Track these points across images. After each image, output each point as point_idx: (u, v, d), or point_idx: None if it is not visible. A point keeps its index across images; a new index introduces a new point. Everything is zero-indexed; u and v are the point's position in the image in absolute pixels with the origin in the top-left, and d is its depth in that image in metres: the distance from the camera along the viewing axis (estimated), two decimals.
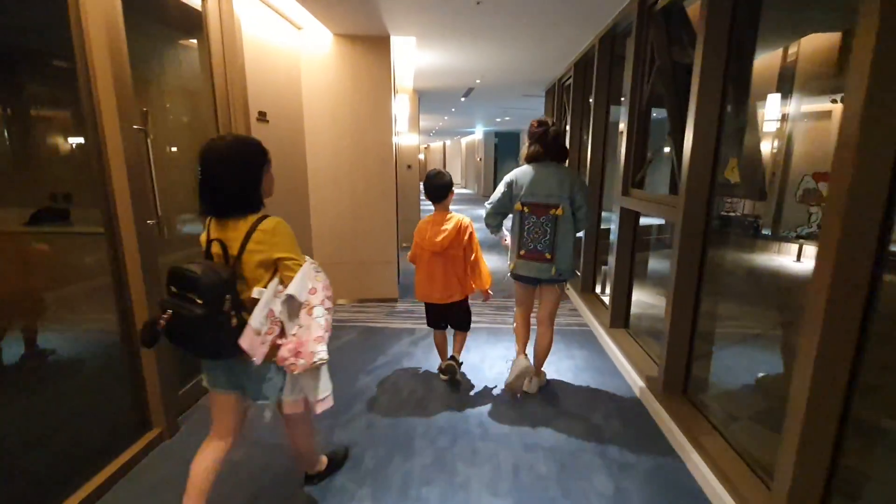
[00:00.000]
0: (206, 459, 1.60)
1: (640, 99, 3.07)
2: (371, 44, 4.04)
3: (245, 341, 1.40)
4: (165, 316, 1.39)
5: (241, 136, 1.53)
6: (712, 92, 2.12)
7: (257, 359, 1.43)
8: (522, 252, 2.54)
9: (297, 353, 1.45)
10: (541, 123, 2.50)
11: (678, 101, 2.64)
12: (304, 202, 4.16)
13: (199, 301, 1.34)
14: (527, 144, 2.57)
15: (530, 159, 2.53)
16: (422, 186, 2.74)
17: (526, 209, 2.49)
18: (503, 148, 17.25)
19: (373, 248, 4.42)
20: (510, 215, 2.63)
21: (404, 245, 7.50)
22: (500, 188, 2.59)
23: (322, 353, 1.47)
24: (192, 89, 2.80)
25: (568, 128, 5.63)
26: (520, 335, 2.74)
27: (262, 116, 3.23)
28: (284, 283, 1.47)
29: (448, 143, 25.25)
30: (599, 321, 3.74)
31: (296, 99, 3.94)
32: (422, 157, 31.18)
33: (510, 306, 4.47)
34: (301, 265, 1.47)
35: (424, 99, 8.10)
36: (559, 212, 2.41)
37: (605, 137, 4.17)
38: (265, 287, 1.46)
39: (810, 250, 8.18)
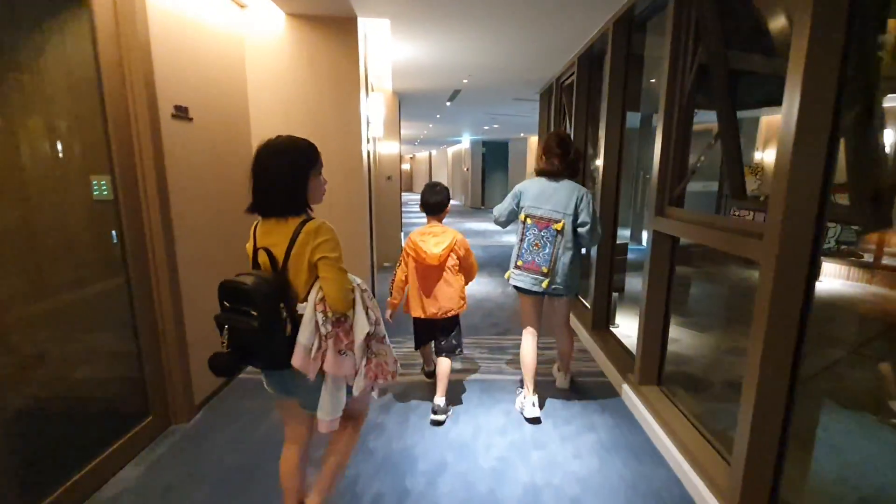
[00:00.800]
0: (289, 463, 1.66)
1: (679, 92, 2.35)
2: (334, 26, 3.27)
3: (297, 359, 1.40)
4: (224, 337, 1.37)
5: (294, 137, 1.51)
6: (824, 79, 1.37)
7: (311, 375, 1.42)
8: (520, 263, 2.55)
9: (375, 377, 1.55)
10: (563, 142, 2.51)
11: (730, 95, 2.09)
12: (244, 223, 3.35)
13: (254, 312, 1.34)
14: (540, 156, 2.57)
15: (544, 173, 2.53)
16: (420, 198, 2.66)
17: (529, 220, 2.51)
18: (491, 157, 16.57)
19: None
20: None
21: (385, 265, 6.76)
22: (509, 197, 2.64)
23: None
24: (68, 75, 1.98)
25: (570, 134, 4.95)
26: (527, 366, 2.62)
27: (181, 112, 2.43)
28: (321, 283, 1.44)
29: (434, 152, 24.57)
30: (620, 370, 2.97)
31: (237, 94, 3.14)
32: (407, 167, 30.62)
33: (507, 346, 3.69)
34: (339, 266, 1.45)
35: (407, 103, 7.37)
36: (559, 226, 2.43)
37: (622, 145, 3.46)
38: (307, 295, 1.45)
39: (830, 268, 7.16)
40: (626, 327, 3.89)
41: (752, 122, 7.90)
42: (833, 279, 6.58)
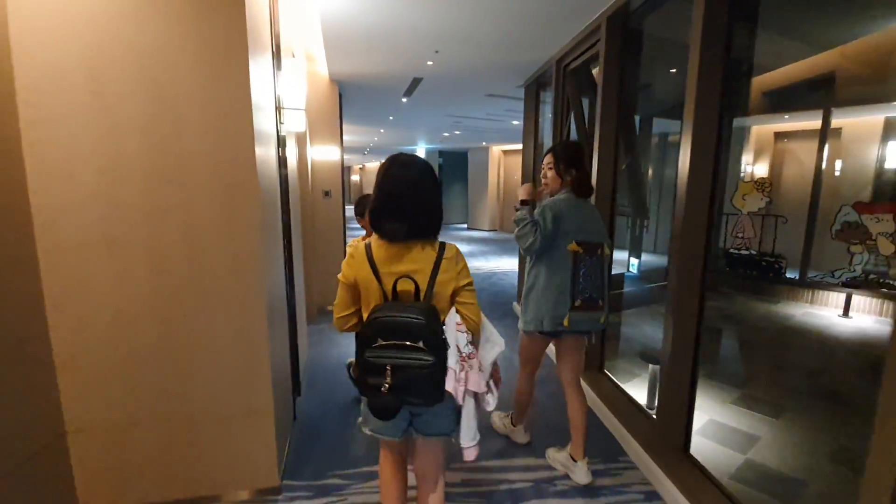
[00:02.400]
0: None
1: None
2: None
3: (449, 384, 1.35)
4: (388, 378, 1.29)
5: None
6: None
7: (460, 398, 1.40)
8: (578, 302, 2.12)
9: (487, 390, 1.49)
10: (584, 151, 2.21)
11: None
12: (25, 284, 1.65)
13: (425, 347, 1.29)
14: (563, 171, 2.13)
15: (580, 193, 2.14)
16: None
17: (581, 249, 2.11)
18: (449, 169, 15.18)
19: (218, 383, 1.93)
20: None
21: (328, 308, 5.11)
22: (547, 218, 2.07)
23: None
24: None
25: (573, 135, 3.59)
26: (524, 402, 2.46)
27: None
28: (460, 311, 1.42)
29: None
30: (630, 428, 1.74)
31: None
32: (356, 178, 28.70)
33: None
34: (474, 290, 1.46)
35: (351, 98, 5.78)
36: (607, 251, 2.18)
37: (721, 151, 2.11)
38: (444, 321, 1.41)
39: (860, 302, 5.64)
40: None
41: (738, 132, 6.95)
42: (864, 315, 5.64)
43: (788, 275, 4.90)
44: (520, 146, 12.58)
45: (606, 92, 2.85)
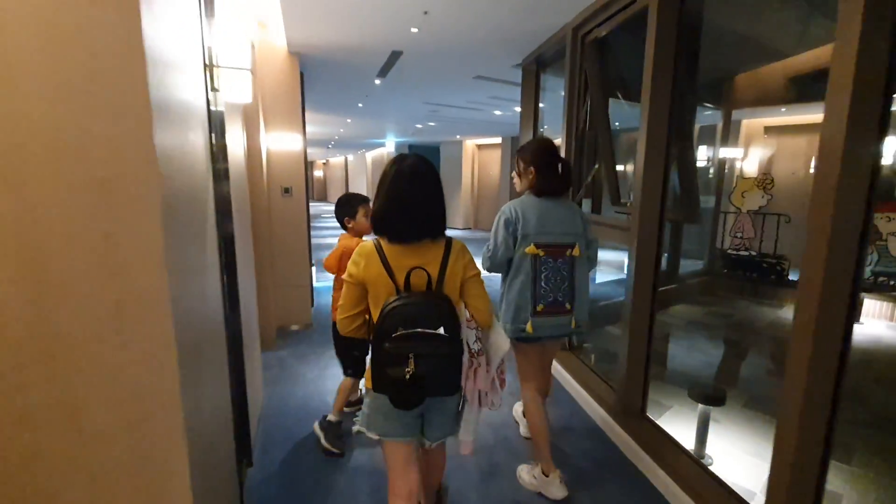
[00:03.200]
0: None
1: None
2: None
3: (461, 379, 1.40)
4: (409, 367, 1.28)
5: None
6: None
7: (470, 395, 1.46)
8: (540, 307, 2.03)
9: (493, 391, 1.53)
10: (550, 147, 2.06)
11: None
12: None
13: (446, 334, 1.30)
14: (532, 170, 2.05)
15: (540, 192, 2.04)
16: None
17: (541, 252, 2.01)
18: None
19: (98, 480, 1.14)
20: None
21: (292, 328, 4.25)
22: (499, 229, 2.04)
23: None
24: None
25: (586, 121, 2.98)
26: (537, 429, 2.14)
27: None
28: (470, 304, 1.47)
29: (350, 157, 21.82)
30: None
31: None
32: (319, 173, 27.41)
33: None
34: (483, 281, 1.48)
35: (315, 79, 4.93)
36: (577, 252, 2.04)
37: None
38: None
39: (872, 306, 5.23)
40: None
41: (733, 126, 6.55)
42: (875, 320, 5.30)
43: (792, 277, 4.37)
44: (496, 140, 12.11)
45: (658, 70, 2.19)
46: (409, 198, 1.36)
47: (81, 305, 1.01)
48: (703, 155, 4.75)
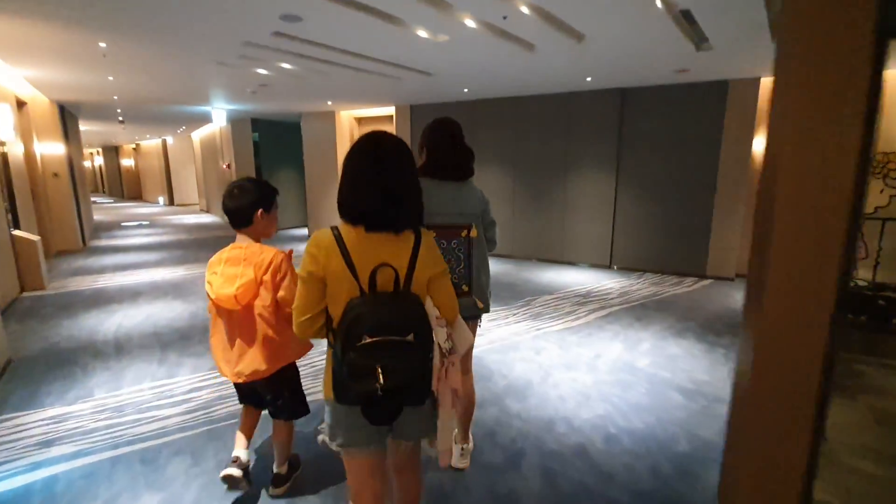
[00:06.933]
0: None
1: None
2: None
3: (435, 382, 1.35)
4: (381, 378, 1.18)
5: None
6: None
7: (442, 398, 1.40)
8: None
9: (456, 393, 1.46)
10: (446, 127, 2.04)
11: None
12: None
13: (415, 341, 1.23)
14: (427, 151, 2.03)
15: (431, 173, 2.00)
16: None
17: (432, 233, 1.81)
18: (270, 147, 11.36)
19: None
20: None
21: None
22: None
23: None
24: None
25: None
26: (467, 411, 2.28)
27: None
28: (436, 299, 1.39)
29: (170, 140, 17.09)
30: None
31: None
32: (129, 162, 21.50)
33: None
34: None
35: None
36: (473, 233, 2.05)
37: None
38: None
39: None
40: None
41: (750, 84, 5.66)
42: None
43: None
44: (385, 110, 9.08)
45: None
46: (390, 178, 1.26)
47: None
48: None
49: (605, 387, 3.07)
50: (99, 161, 24.00)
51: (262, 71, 5.32)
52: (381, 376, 1.16)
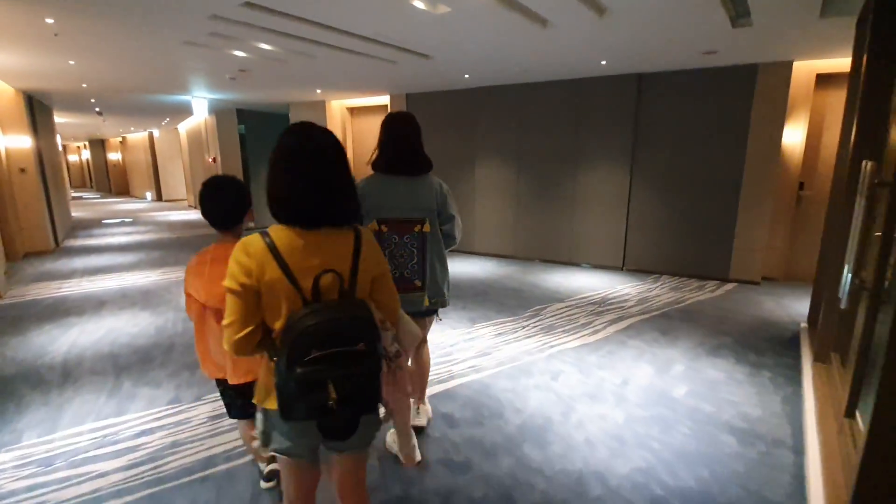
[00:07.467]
0: None
1: None
2: None
3: (382, 390, 1.28)
4: (333, 393, 1.12)
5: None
6: None
7: (392, 403, 1.37)
8: None
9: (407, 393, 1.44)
10: (398, 122, 2.05)
11: None
12: None
13: (365, 349, 1.17)
14: (382, 147, 2.06)
15: (384, 168, 2.04)
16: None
17: (384, 228, 2.04)
18: (257, 140, 10.80)
19: None
20: None
21: None
22: None
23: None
24: None
25: None
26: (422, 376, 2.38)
27: None
28: (378, 301, 1.31)
29: (156, 133, 16.42)
30: None
31: None
32: (116, 156, 20.77)
33: None
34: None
35: None
36: (426, 228, 2.05)
37: None
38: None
39: None
40: None
41: (782, 68, 5.20)
42: None
43: None
44: (380, 100, 8.46)
45: None
46: (323, 167, 1.18)
47: None
48: None
49: (640, 426, 2.55)
50: (86, 155, 23.23)
51: (238, 53, 4.73)
52: (332, 391, 1.12)
